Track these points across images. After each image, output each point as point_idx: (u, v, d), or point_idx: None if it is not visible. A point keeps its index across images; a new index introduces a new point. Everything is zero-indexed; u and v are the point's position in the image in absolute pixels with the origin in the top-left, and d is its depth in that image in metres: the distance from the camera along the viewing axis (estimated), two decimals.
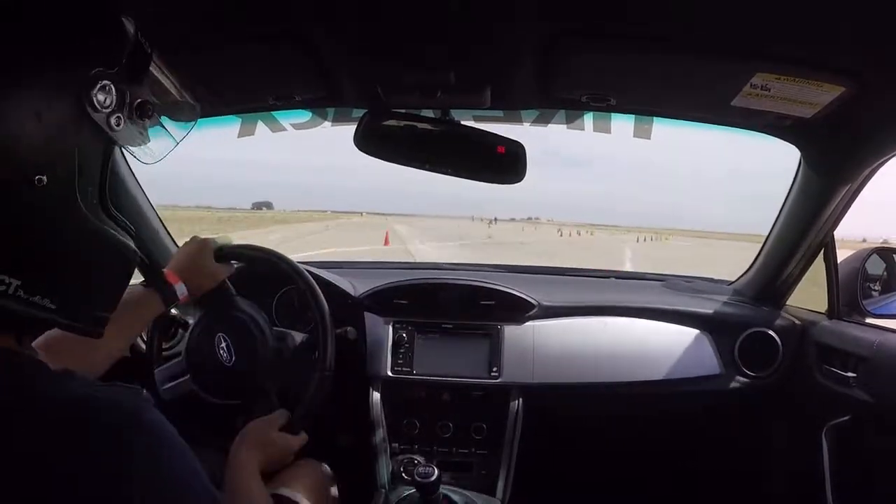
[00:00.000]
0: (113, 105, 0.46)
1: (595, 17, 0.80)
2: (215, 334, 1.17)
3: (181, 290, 1.01)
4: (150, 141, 0.52)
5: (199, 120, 1.26)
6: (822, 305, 1.39)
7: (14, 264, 0.41)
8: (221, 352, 1.16)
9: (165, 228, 1.58)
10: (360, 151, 1.09)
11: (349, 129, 1.10)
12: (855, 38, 0.77)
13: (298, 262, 1.26)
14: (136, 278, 1.57)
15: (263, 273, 1.33)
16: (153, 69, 0.52)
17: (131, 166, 1.42)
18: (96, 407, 0.42)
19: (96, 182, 0.47)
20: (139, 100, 0.48)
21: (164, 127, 0.53)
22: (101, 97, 0.45)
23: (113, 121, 0.46)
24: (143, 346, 1.28)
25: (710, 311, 1.49)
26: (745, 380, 1.42)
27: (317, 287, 1.20)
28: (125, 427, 0.42)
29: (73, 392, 0.43)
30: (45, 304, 0.43)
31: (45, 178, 0.41)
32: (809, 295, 1.49)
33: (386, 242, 19.55)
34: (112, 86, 0.46)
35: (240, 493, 0.86)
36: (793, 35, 0.79)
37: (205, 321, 1.19)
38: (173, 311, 1.22)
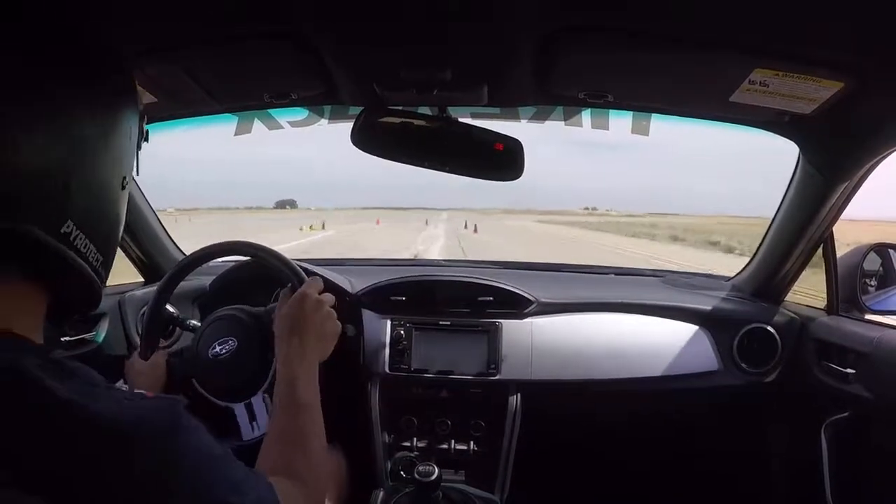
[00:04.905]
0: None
1: (593, 14, 0.80)
2: (212, 342, 1.17)
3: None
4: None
5: (195, 118, 1.28)
6: None
7: (103, 244, 0.51)
8: (219, 351, 1.15)
9: (165, 230, 1.59)
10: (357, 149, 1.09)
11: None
12: (854, 33, 0.77)
13: (296, 259, 1.26)
14: (136, 278, 1.60)
15: (258, 273, 1.33)
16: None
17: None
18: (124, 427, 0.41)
19: None
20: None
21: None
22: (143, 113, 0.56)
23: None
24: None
25: (709, 308, 1.49)
26: (743, 376, 1.43)
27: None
28: (158, 447, 0.42)
29: (99, 409, 0.41)
30: (104, 276, 0.53)
31: (126, 179, 0.53)
32: None
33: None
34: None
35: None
36: (791, 30, 0.79)
37: (205, 322, 1.19)
38: (170, 309, 1.21)
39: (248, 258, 1.38)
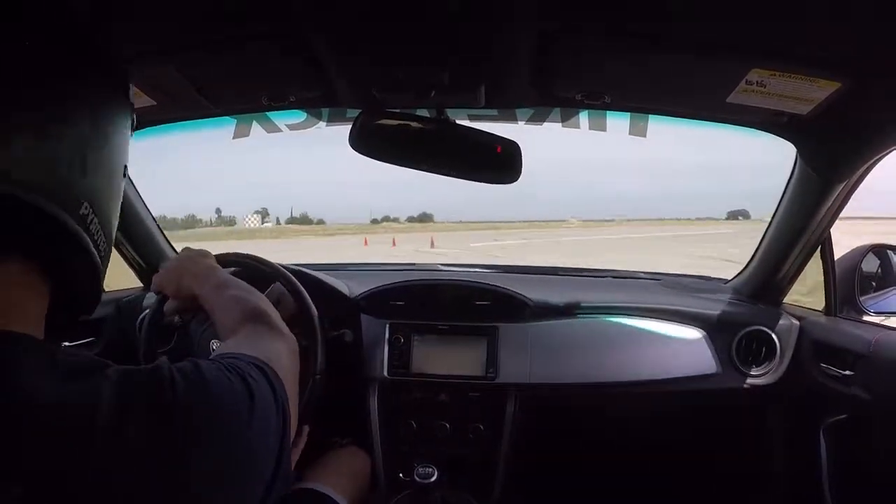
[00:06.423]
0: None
1: (592, 14, 0.80)
2: (210, 339, 1.16)
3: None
4: None
5: (193, 121, 1.27)
6: None
7: (109, 231, 0.50)
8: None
9: (164, 235, 1.59)
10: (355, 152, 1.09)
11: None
12: (851, 33, 0.77)
13: (293, 265, 1.25)
14: (135, 281, 1.59)
15: (253, 279, 1.32)
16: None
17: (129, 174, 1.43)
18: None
19: None
20: None
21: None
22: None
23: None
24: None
25: (707, 310, 1.48)
26: (742, 378, 1.42)
27: (303, 291, 1.18)
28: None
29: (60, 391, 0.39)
30: (104, 270, 0.51)
31: (126, 167, 0.53)
32: None
33: None
34: None
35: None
36: (789, 31, 0.79)
37: (204, 325, 1.18)
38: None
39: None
